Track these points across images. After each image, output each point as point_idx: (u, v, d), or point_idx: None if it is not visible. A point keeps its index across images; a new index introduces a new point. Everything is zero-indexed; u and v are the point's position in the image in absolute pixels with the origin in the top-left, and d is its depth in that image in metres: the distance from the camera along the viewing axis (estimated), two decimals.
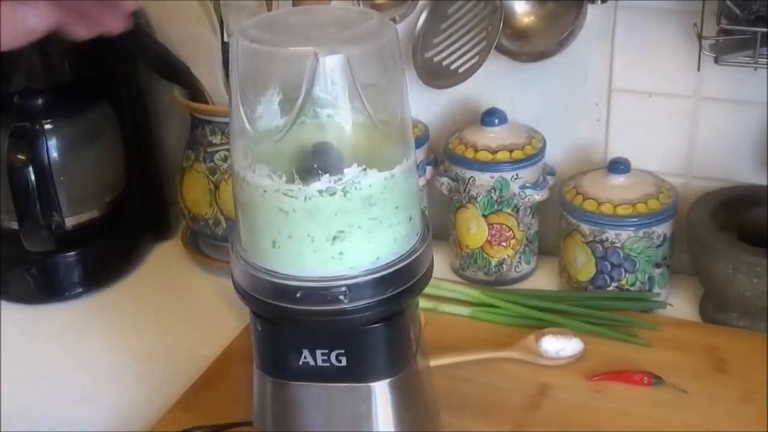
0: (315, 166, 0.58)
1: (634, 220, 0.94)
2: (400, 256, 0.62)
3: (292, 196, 0.58)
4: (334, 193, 0.58)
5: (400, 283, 0.62)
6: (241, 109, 0.59)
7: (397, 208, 0.61)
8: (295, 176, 0.58)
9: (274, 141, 0.59)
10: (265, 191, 0.59)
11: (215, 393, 0.86)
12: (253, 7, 0.95)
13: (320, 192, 0.58)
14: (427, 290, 0.97)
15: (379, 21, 0.60)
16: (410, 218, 0.63)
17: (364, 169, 0.59)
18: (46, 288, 1.06)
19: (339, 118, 0.58)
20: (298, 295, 0.60)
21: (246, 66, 0.59)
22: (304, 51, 0.56)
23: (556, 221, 1.01)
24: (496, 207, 1.01)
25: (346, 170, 0.58)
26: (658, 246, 0.96)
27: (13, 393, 0.90)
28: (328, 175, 0.58)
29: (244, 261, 0.63)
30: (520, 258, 1.04)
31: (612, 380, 0.86)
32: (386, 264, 0.61)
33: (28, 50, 0.98)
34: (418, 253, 0.63)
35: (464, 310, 0.97)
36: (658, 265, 0.97)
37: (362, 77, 0.58)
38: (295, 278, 0.60)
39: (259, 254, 0.62)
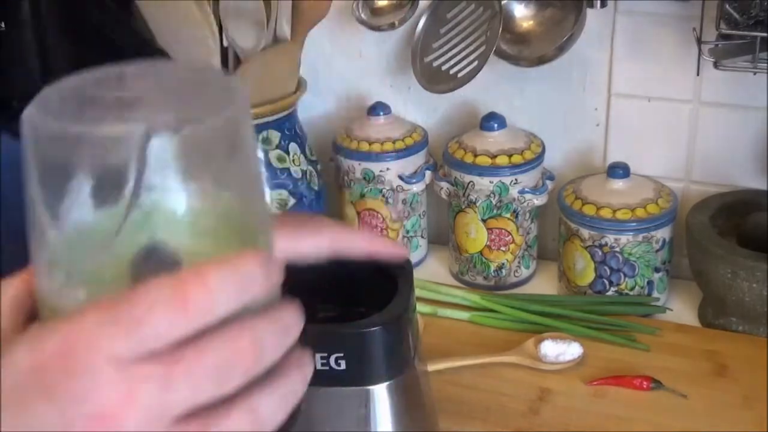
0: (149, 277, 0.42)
1: (634, 224, 0.94)
2: None
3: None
4: None
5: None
6: (41, 207, 0.42)
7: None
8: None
9: (93, 251, 0.43)
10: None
11: None
12: (252, 9, 0.95)
13: None
14: (426, 295, 0.98)
15: (227, 87, 0.45)
16: None
17: None
18: None
19: (173, 210, 0.43)
20: None
21: (46, 150, 0.42)
22: (126, 131, 0.40)
23: (556, 226, 1.01)
24: (495, 211, 1.01)
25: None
26: (657, 250, 0.96)
27: None
28: None
29: None
30: (519, 262, 1.04)
31: (611, 385, 0.86)
32: None
33: (27, 55, 0.99)
34: None
35: (463, 315, 0.97)
36: (657, 270, 0.97)
37: (201, 160, 0.44)
38: None
39: None
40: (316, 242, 0.60)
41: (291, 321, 0.43)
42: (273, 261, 0.42)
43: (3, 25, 0.98)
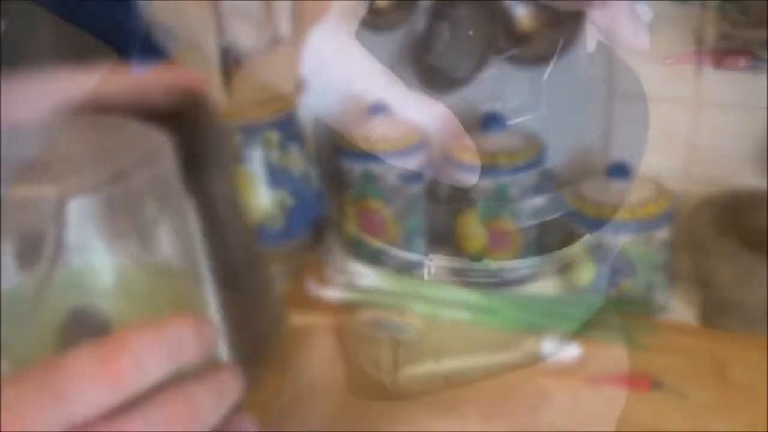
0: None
1: (634, 224, 0.94)
2: None
3: None
4: None
5: None
6: None
7: None
8: None
9: (17, 319, 0.41)
10: None
11: None
12: (252, 9, 0.95)
13: None
14: (426, 294, 0.98)
15: (154, 143, 0.44)
16: None
17: None
18: None
19: (100, 272, 0.42)
20: None
21: None
22: (41, 194, 0.39)
23: (556, 226, 1.01)
24: (495, 212, 1.01)
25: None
26: (657, 250, 0.96)
27: None
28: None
29: None
30: (519, 262, 1.04)
31: (611, 385, 0.86)
32: None
33: (27, 55, 0.99)
34: None
35: (464, 315, 0.97)
36: (657, 270, 0.97)
37: (125, 219, 0.42)
38: None
39: None
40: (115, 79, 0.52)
41: (228, 383, 0.41)
42: (206, 323, 0.41)
43: (3, 25, 0.98)
